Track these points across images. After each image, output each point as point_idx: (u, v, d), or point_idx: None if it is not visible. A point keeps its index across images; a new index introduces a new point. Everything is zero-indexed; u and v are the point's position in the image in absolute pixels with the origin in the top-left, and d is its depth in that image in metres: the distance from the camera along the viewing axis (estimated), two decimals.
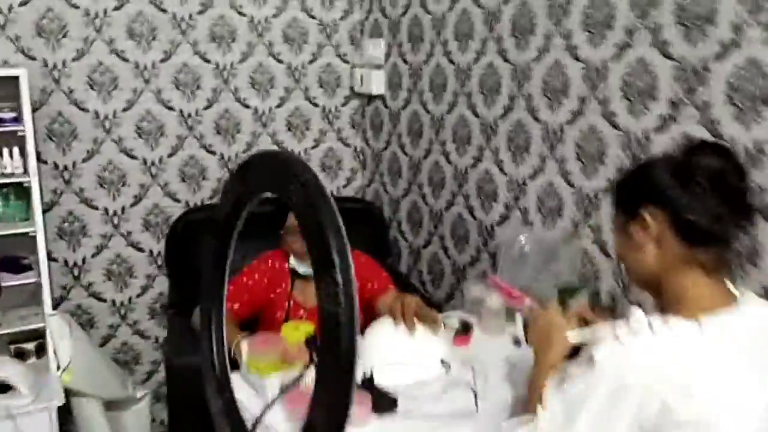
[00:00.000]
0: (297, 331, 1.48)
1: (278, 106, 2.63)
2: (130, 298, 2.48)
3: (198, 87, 2.45)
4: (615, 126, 1.68)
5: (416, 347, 1.49)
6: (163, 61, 2.38)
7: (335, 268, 0.79)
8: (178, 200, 2.50)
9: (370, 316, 1.97)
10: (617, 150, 1.68)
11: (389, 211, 2.68)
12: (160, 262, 2.50)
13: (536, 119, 1.92)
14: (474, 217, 2.22)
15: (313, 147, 2.74)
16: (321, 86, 2.70)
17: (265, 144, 2.63)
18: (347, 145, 2.81)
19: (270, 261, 2.01)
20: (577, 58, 1.76)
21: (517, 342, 1.64)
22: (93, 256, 2.39)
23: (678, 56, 1.50)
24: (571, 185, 1.83)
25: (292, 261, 1.97)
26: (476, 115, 2.15)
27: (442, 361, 1.49)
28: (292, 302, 1.96)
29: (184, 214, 2.45)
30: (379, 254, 2.29)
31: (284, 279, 1.99)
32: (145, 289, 2.50)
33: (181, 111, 2.44)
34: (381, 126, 2.68)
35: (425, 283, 2.50)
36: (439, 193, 2.37)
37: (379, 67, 2.62)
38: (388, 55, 2.58)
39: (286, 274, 1.99)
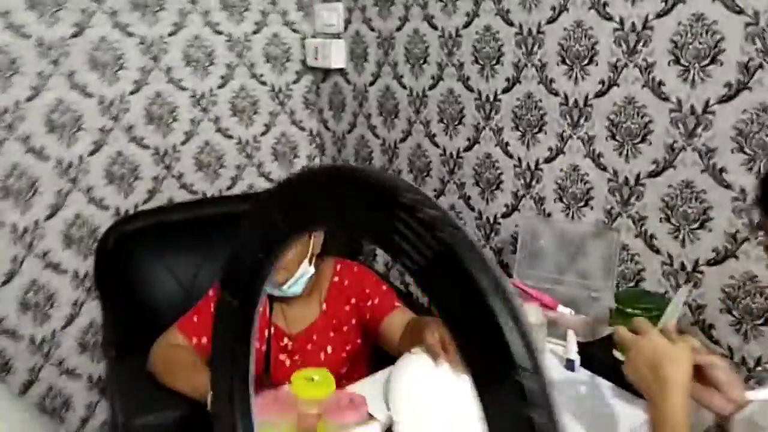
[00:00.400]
0: (314, 387, 1.13)
1: (220, 86, 2.20)
2: (53, 332, 2.01)
3: (121, 67, 1.99)
4: (662, 96, 1.40)
5: (466, 393, 1.17)
6: (74, 36, 1.89)
7: (520, 371, 0.45)
8: (105, 207, 2.05)
9: (370, 340, 1.64)
10: (666, 125, 1.41)
11: None
12: (88, 285, 2.05)
13: (552, 92, 1.62)
14: (471, 208, 1.92)
15: (263, 133, 2.33)
16: (268, 61, 2.29)
17: (208, 133, 2.20)
18: (302, 128, 2.43)
19: None
20: (607, 17, 1.47)
21: (569, 365, 1.36)
22: (2, 285, 1.90)
23: (751, 11, 1.24)
24: (603, 168, 1.55)
25: None
26: (470, 89, 1.83)
27: None
28: (272, 329, 1.60)
29: (116, 224, 2.01)
30: (349, 251, 1.94)
31: None
32: (71, 319, 2.04)
33: (101, 98, 1.98)
34: (343, 105, 2.31)
35: (408, 284, 2.18)
36: (424, 181, 2.05)
37: (337, 36, 2.24)
38: (348, 22, 2.20)
39: None
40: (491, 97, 1.77)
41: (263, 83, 2.30)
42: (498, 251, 1.86)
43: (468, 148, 1.87)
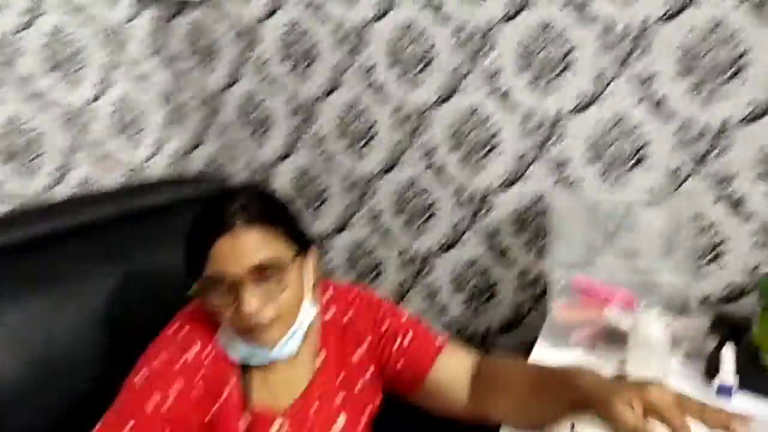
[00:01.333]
0: None
1: (24, 27, 1.38)
2: None
3: None
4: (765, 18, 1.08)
5: None
6: None
7: None
8: None
9: (390, 394, 1.11)
10: None
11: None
12: None
13: (590, 18, 1.20)
14: (443, 180, 1.44)
15: (96, 99, 1.55)
16: None
17: (12, 103, 1.38)
18: (149, 86, 1.68)
19: (193, 349, 0.98)
20: None
21: (724, 390, 1.00)
22: None
23: None
24: (668, 117, 1.19)
25: (225, 341, 0.99)
26: (446, 18, 1.33)
27: None
28: (250, 414, 0.99)
29: None
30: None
31: (226, 377, 0.99)
32: None
33: None
34: (216, 49, 1.62)
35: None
36: (368, 148, 1.50)
37: None
38: None
39: (226, 366, 0.99)
40: (483, 28, 1.30)
41: (90, 20, 1.51)
42: (492, 234, 1.42)
43: (442, 101, 1.38)
